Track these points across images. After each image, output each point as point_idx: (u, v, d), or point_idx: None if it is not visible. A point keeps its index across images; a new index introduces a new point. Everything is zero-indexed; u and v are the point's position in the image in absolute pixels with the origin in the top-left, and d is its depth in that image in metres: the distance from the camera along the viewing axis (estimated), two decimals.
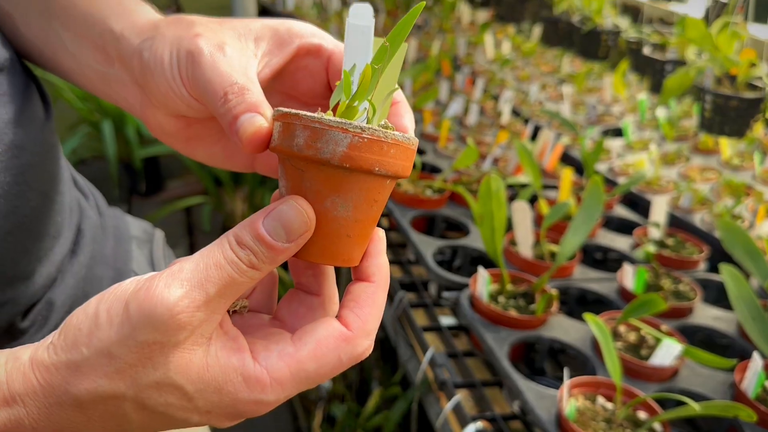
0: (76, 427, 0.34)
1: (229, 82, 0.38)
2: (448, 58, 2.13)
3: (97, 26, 0.46)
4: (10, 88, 0.47)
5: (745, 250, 1.03)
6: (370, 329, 0.37)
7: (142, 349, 0.32)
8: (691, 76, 1.32)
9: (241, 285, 0.34)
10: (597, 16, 1.59)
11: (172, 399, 0.34)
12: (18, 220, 0.46)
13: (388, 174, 0.34)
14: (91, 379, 0.33)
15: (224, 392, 0.34)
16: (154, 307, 0.32)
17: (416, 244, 1.20)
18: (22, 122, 0.47)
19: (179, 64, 0.40)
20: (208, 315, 0.33)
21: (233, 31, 0.41)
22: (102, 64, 0.47)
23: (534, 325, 0.99)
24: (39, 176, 0.49)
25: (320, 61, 0.43)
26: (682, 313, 1.06)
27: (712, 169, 1.54)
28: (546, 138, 1.51)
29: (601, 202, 1.00)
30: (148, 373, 0.33)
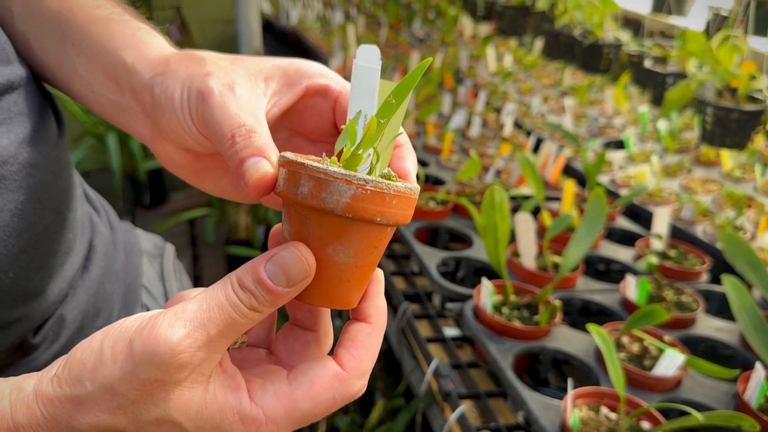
0: None
1: (238, 124, 0.39)
2: (450, 71, 2.15)
3: (110, 56, 0.47)
4: (25, 107, 0.48)
5: (747, 261, 1.03)
6: (364, 370, 0.37)
7: (144, 386, 0.33)
8: (692, 89, 1.33)
9: (242, 326, 0.34)
10: (598, 29, 1.61)
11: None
12: (31, 238, 0.47)
13: (389, 223, 0.35)
14: (93, 413, 0.34)
15: (221, 430, 0.35)
16: (157, 346, 0.32)
17: (420, 255, 1.21)
18: (36, 141, 0.48)
19: (189, 103, 0.41)
20: (209, 354, 0.34)
21: (244, 70, 0.42)
22: (114, 93, 0.48)
23: (538, 336, 0.99)
24: (52, 194, 0.50)
25: (328, 101, 0.44)
26: (685, 324, 1.06)
27: (714, 180, 1.55)
28: (548, 150, 1.53)
29: (604, 214, 1.01)
30: (149, 409, 0.34)
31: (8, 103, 0.46)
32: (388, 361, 1.81)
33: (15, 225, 0.45)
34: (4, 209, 0.44)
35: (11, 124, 0.46)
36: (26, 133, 0.47)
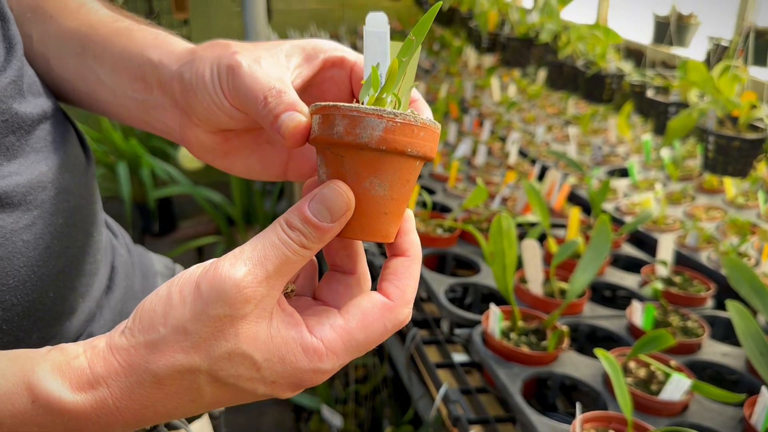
0: (155, 403, 0.37)
1: (268, 87, 0.42)
2: (455, 101, 2.19)
3: (135, 58, 0.51)
4: (58, 136, 0.52)
5: (752, 287, 1.05)
6: (409, 298, 0.40)
7: (215, 322, 0.36)
8: (694, 118, 1.36)
9: (295, 263, 0.37)
10: (601, 60, 1.65)
11: (242, 369, 0.37)
12: (68, 259, 0.50)
13: (418, 155, 0.38)
14: (168, 355, 0.36)
15: (287, 362, 0.38)
16: (223, 283, 0.35)
17: (428, 281, 1.23)
18: (69, 168, 0.52)
19: (220, 78, 0.45)
20: (269, 290, 0.36)
21: (266, 50, 0.46)
22: (141, 93, 0.51)
23: (546, 361, 1.01)
24: (84, 218, 0.53)
25: (344, 71, 0.47)
26: (691, 349, 1.07)
27: (718, 208, 1.57)
28: (553, 178, 1.55)
29: (609, 241, 1.03)
30: (221, 344, 0.36)
31: (43, 132, 0.50)
32: (396, 388, 1.81)
33: (55, 247, 0.48)
34: (45, 232, 0.47)
35: (47, 152, 0.49)
36: (60, 160, 0.50)
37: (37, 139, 0.49)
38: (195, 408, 0.39)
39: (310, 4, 3.75)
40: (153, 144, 3.43)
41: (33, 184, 0.46)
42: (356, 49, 3.39)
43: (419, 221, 1.40)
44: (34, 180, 0.47)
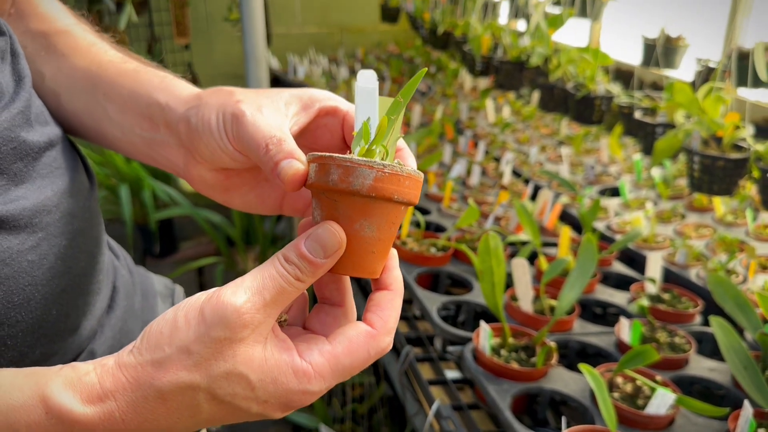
0: (157, 418, 0.41)
1: (269, 135, 0.46)
2: (450, 122, 2.23)
3: (143, 99, 0.55)
4: (63, 162, 0.55)
5: (736, 303, 1.07)
6: (390, 328, 0.44)
7: (215, 344, 0.40)
8: (680, 139, 1.39)
9: (290, 294, 0.41)
10: (590, 82, 1.69)
11: (238, 388, 0.41)
12: (71, 279, 0.53)
13: (403, 201, 0.42)
14: (172, 372, 0.40)
15: (279, 383, 0.41)
16: (225, 309, 0.39)
17: (421, 300, 1.25)
18: (73, 192, 0.55)
19: (225, 125, 0.49)
20: (265, 317, 0.40)
21: (267, 98, 0.50)
22: (147, 131, 0.55)
23: (535, 377, 1.03)
24: (87, 240, 0.56)
25: (337, 120, 0.52)
26: (678, 365, 1.09)
27: (707, 226, 1.60)
28: (545, 197, 1.58)
29: (595, 259, 1.06)
30: (220, 365, 0.40)
31: (49, 159, 0.53)
32: (393, 408, 1.83)
33: (58, 267, 0.51)
34: (50, 253, 0.50)
35: (53, 177, 0.53)
36: (65, 185, 0.54)
37: (44, 165, 0.52)
38: (193, 424, 0.42)
39: (309, 28, 3.82)
40: (154, 167, 3.47)
41: (39, 208, 0.50)
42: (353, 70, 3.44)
43: (413, 240, 1.43)
44: (39, 204, 0.50)
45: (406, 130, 2.26)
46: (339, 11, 3.85)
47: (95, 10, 3.27)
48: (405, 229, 1.44)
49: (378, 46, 3.91)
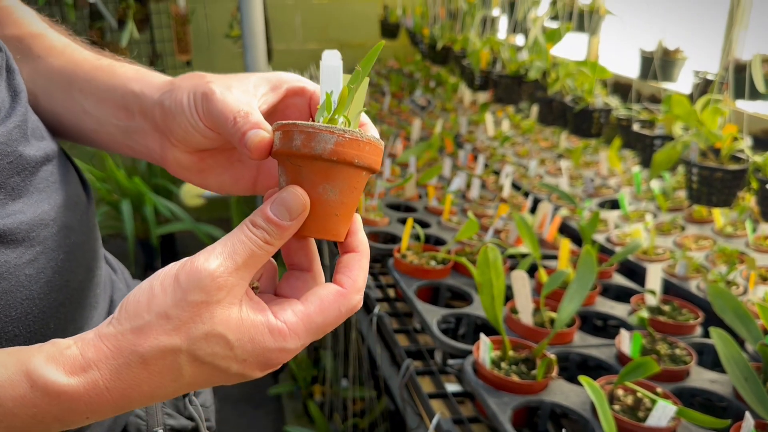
0: (140, 383, 0.42)
1: (237, 109, 0.49)
2: (450, 136, 2.24)
3: (119, 90, 0.57)
4: (59, 176, 0.56)
5: (736, 314, 1.07)
6: (359, 286, 0.47)
7: (192, 307, 0.41)
8: (678, 151, 1.40)
9: (260, 257, 0.43)
10: (588, 96, 1.70)
11: (218, 348, 0.43)
12: (68, 293, 0.54)
13: (364, 166, 0.45)
14: (153, 337, 0.41)
15: (256, 341, 0.43)
16: (199, 273, 0.41)
17: (421, 313, 1.25)
18: (70, 206, 0.56)
19: (196, 104, 0.51)
20: (238, 280, 0.42)
21: (236, 80, 0.53)
22: (123, 120, 0.58)
23: (535, 389, 1.02)
24: (84, 254, 0.57)
25: (304, 99, 0.54)
26: (679, 377, 1.09)
27: (707, 237, 1.60)
28: (545, 210, 1.59)
29: (594, 271, 1.06)
30: (198, 327, 0.42)
31: (46, 173, 0.54)
32: (394, 422, 1.82)
33: (56, 281, 0.52)
34: (47, 267, 0.51)
35: (50, 191, 0.54)
36: (62, 199, 0.55)
37: (41, 179, 0.53)
38: (176, 388, 0.44)
39: (309, 44, 3.86)
40: (156, 182, 3.49)
41: (36, 222, 0.50)
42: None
43: (413, 253, 1.44)
44: (36, 218, 0.51)
45: (405, 144, 2.27)
46: (339, 28, 3.88)
47: (97, 27, 3.30)
48: (405, 242, 1.45)
49: (378, 61, 3.94)
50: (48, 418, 0.41)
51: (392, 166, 1.96)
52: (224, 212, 3.99)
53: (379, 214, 1.65)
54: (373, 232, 1.61)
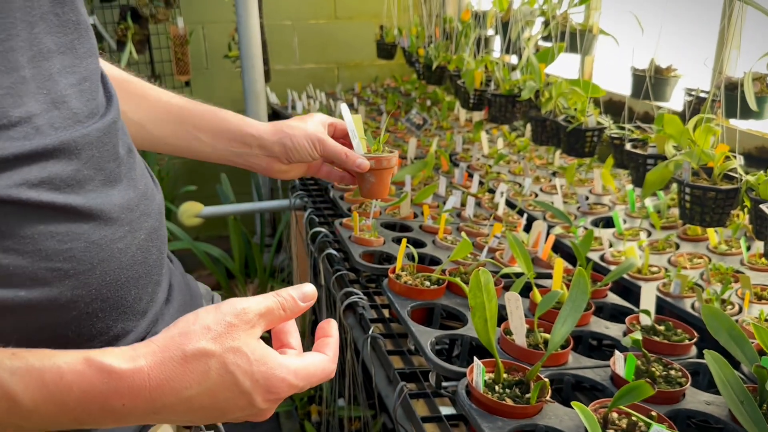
0: (174, 378, 0.53)
1: (342, 150, 1.02)
2: (445, 154, 2.25)
3: (236, 131, 0.97)
4: (139, 170, 0.69)
5: (730, 335, 1.07)
6: (335, 359, 0.65)
7: (228, 326, 0.57)
8: (671, 170, 1.40)
9: (276, 316, 0.61)
10: (581, 115, 1.71)
11: (241, 361, 0.57)
12: (145, 268, 0.66)
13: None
14: (196, 340, 0.55)
15: (268, 365, 0.58)
16: (236, 305, 0.58)
17: (415, 334, 1.25)
18: (147, 196, 0.68)
19: (315, 146, 1.01)
20: (258, 320, 0.59)
21: (320, 124, 1.05)
22: (239, 149, 0.98)
23: (529, 413, 1.02)
24: (157, 237, 0.69)
25: (332, 127, 1.07)
26: (675, 399, 1.08)
27: (701, 255, 1.60)
28: (539, 229, 1.59)
29: (587, 292, 1.06)
30: (230, 341, 0.56)
31: (130, 165, 0.67)
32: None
33: (137, 257, 0.64)
34: (132, 244, 0.63)
35: (133, 182, 0.66)
36: (142, 190, 0.67)
37: (127, 169, 0.65)
38: (199, 391, 0.55)
39: (307, 64, 3.88)
40: None
41: (124, 206, 0.63)
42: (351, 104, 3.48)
43: (407, 274, 1.43)
44: (125, 203, 0.63)
45: (401, 162, 2.28)
46: (336, 48, 3.91)
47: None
48: (399, 262, 1.44)
49: (375, 80, 3.96)
50: (95, 395, 0.51)
51: None
52: (222, 230, 3.99)
53: (374, 234, 1.65)
54: (368, 252, 1.61)
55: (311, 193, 2.25)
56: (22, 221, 0.52)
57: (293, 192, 2.30)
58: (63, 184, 0.56)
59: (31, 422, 0.49)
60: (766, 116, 1.58)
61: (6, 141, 0.51)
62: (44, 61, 0.57)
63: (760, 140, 1.90)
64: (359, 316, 1.49)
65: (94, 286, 0.58)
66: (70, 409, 0.50)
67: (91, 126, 0.60)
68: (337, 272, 1.65)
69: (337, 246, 1.79)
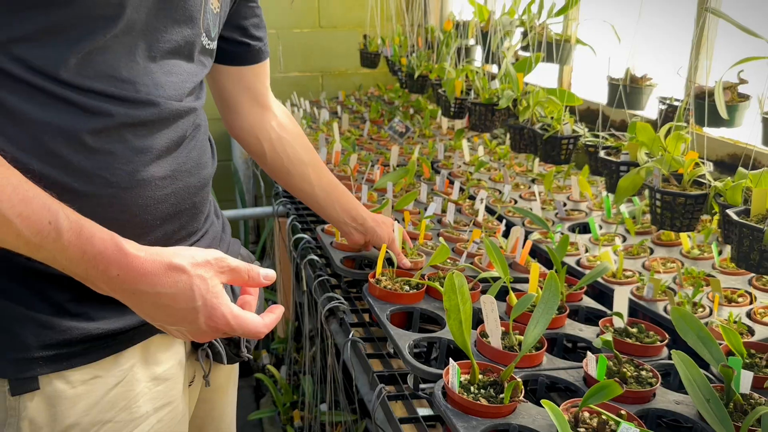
0: (156, 274, 0.73)
1: (398, 252, 1.49)
2: (427, 162, 2.28)
3: (352, 210, 1.44)
4: (202, 143, 0.97)
5: (698, 336, 1.10)
6: (268, 326, 0.82)
7: (206, 261, 0.76)
8: (642, 177, 1.44)
9: (242, 278, 0.81)
10: (557, 123, 1.75)
11: (202, 287, 0.75)
12: (186, 207, 0.92)
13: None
14: (181, 259, 0.75)
15: (218, 299, 0.76)
16: (219, 253, 0.79)
17: (394, 337, 1.27)
18: (202, 163, 0.95)
19: (388, 239, 1.47)
20: (229, 272, 0.79)
21: (391, 229, 1.50)
22: (345, 218, 1.44)
23: (503, 413, 1.04)
24: (197, 193, 0.94)
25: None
26: (645, 398, 1.11)
27: (674, 260, 1.64)
28: (517, 234, 1.62)
29: (558, 295, 1.09)
30: (203, 271, 0.75)
31: (201, 137, 0.97)
32: None
33: (200, 178, 0.93)
34: (180, 185, 0.89)
35: (197, 147, 0.94)
36: (198, 155, 0.94)
37: (200, 136, 0.97)
38: (167, 292, 0.72)
39: (291, 72, 3.91)
40: None
41: (181, 162, 0.91)
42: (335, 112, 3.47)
43: (386, 279, 1.46)
44: (182, 159, 0.91)
45: (384, 170, 2.31)
46: (320, 57, 3.94)
47: None
48: (379, 267, 1.47)
49: (359, 88, 4.00)
50: (106, 256, 0.70)
51: (369, 192, 1.99)
52: None
53: None
54: (349, 258, 1.63)
55: (294, 200, 2.27)
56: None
57: (276, 199, 2.31)
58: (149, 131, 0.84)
59: (63, 257, 0.67)
60: (737, 124, 1.63)
61: None
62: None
63: (733, 148, 1.95)
64: (340, 320, 1.51)
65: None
66: (87, 259, 0.68)
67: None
68: (319, 278, 1.67)
69: (320, 252, 1.81)
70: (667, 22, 2.29)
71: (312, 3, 3.84)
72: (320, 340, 1.76)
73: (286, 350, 2.47)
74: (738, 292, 1.45)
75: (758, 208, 1.21)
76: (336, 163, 2.32)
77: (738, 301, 1.43)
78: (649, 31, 1.98)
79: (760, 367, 1.17)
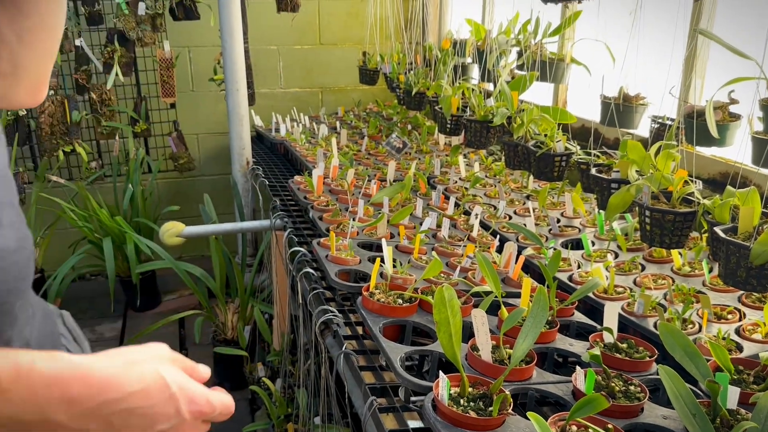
0: (120, 374, 0.62)
1: None
2: (423, 177, 2.31)
3: None
4: None
5: (686, 352, 1.12)
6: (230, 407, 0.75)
7: (161, 354, 0.70)
8: (632, 194, 1.47)
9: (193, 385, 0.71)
10: (550, 141, 1.77)
11: (171, 371, 0.67)
12: None
13: None
14: (137, 353, 0.68)
15: (191, 382, 0.69)
16: (167, 348, 0.73)
17: (386, 350, 1.28)
18: None
19: None
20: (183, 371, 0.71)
21: None
22: None
23: (492, 426, 1.06)
24: None
25: None
26: (633, 413, 1.13)
27: (665, 276, 1.65)
28: (510, 249, 1.64)
29: (546, 309, 1.11)
30: (162, 360, 0.69)
31: None
32: None
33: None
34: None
35: None
36: None
37: None
38: (137, 389, 0.63)
39: (291, 88, 3.96)
40: (137, 221, 3.52)
41: None
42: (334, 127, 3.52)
43: (380, 292, 1.48)
44: None
45: (381, 185, 2.33)
46: (320, 73, 3.99)
47: (83, 69, 3.37)
48: (373, 280, 1.49)
49: (358, 104, 4.04)
50: (62, 378, 0.58)
51: (366, 206, 2.01)
52: (205, 250, 4.01)
53: (350, 254, 1.69)
54: (344, 271, 1.65)
55: (291, 213, 2.29)
56: None
57: (274, 212, 2.34)
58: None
59: (7, 405, 0.55)
60: (728, 143, 1.65)
61: None
62: None
63: (724, 166, 1.97)
64: (334, 333, 1.52)
65: None
66: (39, 393, 0.56)
67: None
68: (314, 290, 1.69)
69: (315, 265, 1.83)
70: (662, 43, 2.33)
71: (313, 20, 3.90)
72: (314, 353, 1.78)
73: (281, 363, 2.48)
74: (727, 309, 1.46)
75: (745, 226, 1.24)
76: (334, 177, 2.35)
77: (727, 317, 1.44)
78: (643, 50, 2.01)
79: (747, 383, 1.18)
